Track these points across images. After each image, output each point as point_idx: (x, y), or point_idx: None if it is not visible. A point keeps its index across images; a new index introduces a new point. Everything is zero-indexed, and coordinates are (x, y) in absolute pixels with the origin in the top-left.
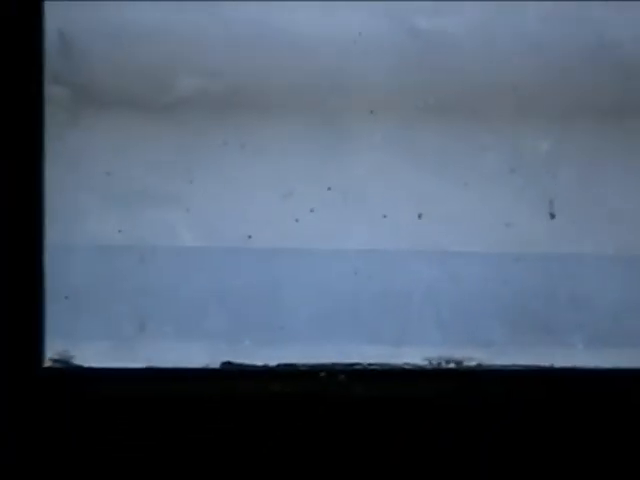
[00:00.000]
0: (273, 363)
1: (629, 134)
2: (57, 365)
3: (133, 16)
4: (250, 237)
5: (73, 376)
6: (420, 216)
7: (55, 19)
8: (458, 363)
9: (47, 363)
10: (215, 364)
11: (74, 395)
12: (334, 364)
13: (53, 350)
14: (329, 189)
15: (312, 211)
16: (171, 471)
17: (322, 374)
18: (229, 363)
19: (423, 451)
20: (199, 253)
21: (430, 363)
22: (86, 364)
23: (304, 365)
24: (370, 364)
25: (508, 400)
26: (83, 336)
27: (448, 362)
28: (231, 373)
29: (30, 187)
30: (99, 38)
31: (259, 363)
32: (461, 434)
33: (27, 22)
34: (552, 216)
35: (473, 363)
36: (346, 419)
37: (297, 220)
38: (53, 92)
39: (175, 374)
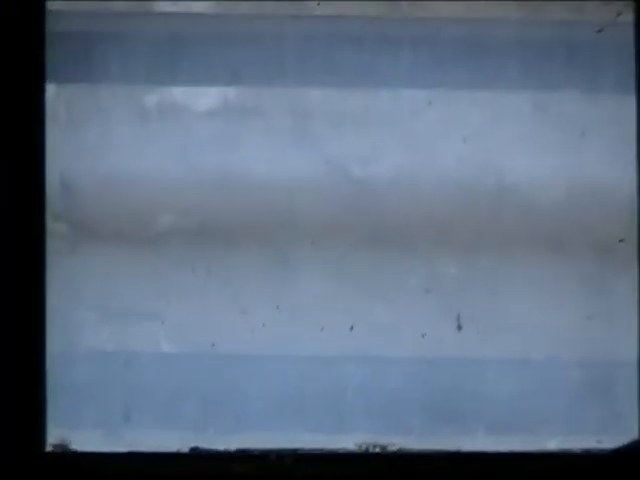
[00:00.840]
0: (232, 448)
1: (524, 265)
2: (57, 450)
3: (120, 165)
4: (214, 345)
5: (70, 459)
6: (352, 328)
7: (57, 166)
8: (383, 448)
9: (49, 448)
10: (185, 449)
11: (71, 475)
12: (281, 449)
13: (53, 437)
14: (277, 307)
15: (264, 325)
16: None
17: (272, 457)
18: (196, 448)
19: None
20: (173, 358)
21: (360, 448)
22: (80, 449)
23: (257, 450)
24: (311, 449)
25: (422, 478)
26: (78, 425)
27: (375, 447)
28: (198, 456)
29: (34, 305)
30: (93, 183)
31: (221, 448)
32: None
33: (32, 172)
34: (459, 328)
35: (395, 448)
36: None
37: (252, 332)
38: (54, 228)
39: (152, 457)
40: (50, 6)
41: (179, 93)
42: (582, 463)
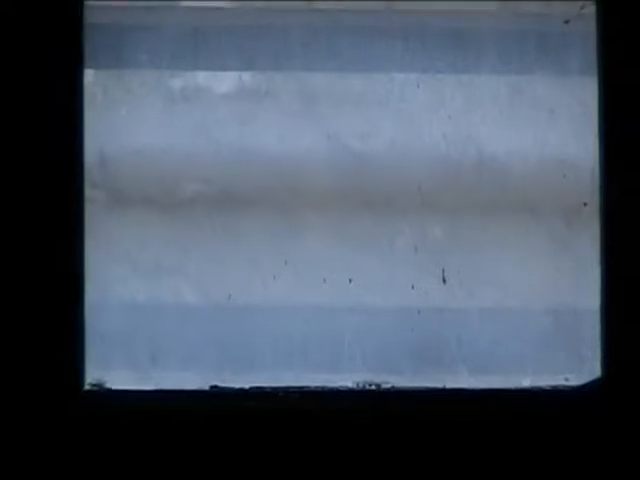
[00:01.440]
0: (246, 386)
1: (501, 226)
2: (95, 388)
3: (149, 140)
4: (230, 296)
5: (106, 396)
6: (350, 280)
7: (95, 142)
8: (377, 385)
9: (87, 387)
10: (205, 387)
11: (108, 410)
12: (289, 387)
13: (91, 377)
14: (285, 263)
15: (274, 278)
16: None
17: (280, 393)
18: (215, 386)
19: (348, 453)
20: (194, 307)
21: (357, 385)
22: (114, 387)
23: (267, 387)
24: (315, 387)
25: (412, 414)
26: (112, 367)
27: (370, 385)
28: (217, 393)
29: (75, 261)
30: (125, 156)
31: (236, 386)
32: (376, 439)
33: (72, 147)
34: (444, 281)
35: (388, 386)
36: (299, 428)
37: (264, 284)
38: (92, 195)
39: (177, 394)
40: (88, 1)
41: (200, 77)
42: (550, 398)
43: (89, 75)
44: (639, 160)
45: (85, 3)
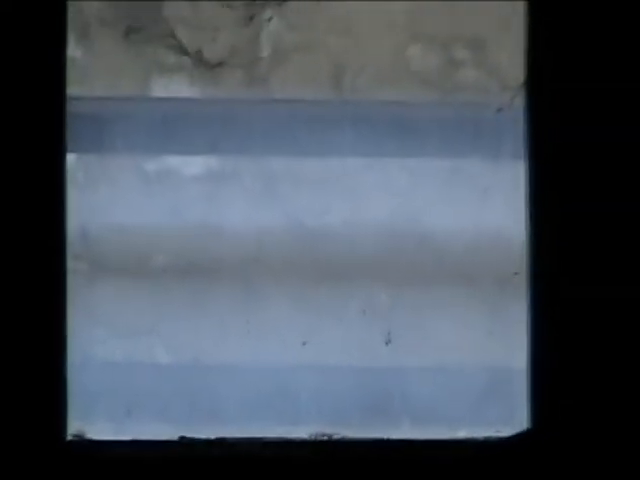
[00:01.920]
0: (212, 437)
1: (440, 294)
2: (76, 438)
3: (125, 217)
4: (198, 357)
5: (87, 445)
6: (304, 343)
7: (77, 219)
8: (329, 436)
9: (70, 437)
10: (175, 437)
11: (89, 458)
12: (251, 437)
13: (73, 429)
14: (248, 328)
15: (237, 342)
16: None
17: (244, 443)
18: (184, 437)
19: None
20: (166, 366)
21: (311, 436)
22: (94, 437)
23: (231, 438)
24: (275, 437)
25: (360, 461)
26: (92, 420)
27: (323, 436)
28: (185, 443)
29: (58, 325)
30: (104, 231)
31: (203, 437)
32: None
33: (56, 223)
34: (388, 342)
35: (339, 436)
36: (259, 475)
37: (228, 346)
38: (75, 266)
39: (149, 443)
40: (70, 92)
41: (171, 161)
42: (484, 447)
43: (71, 159)
44: (564, 234)
45: (68, 95)
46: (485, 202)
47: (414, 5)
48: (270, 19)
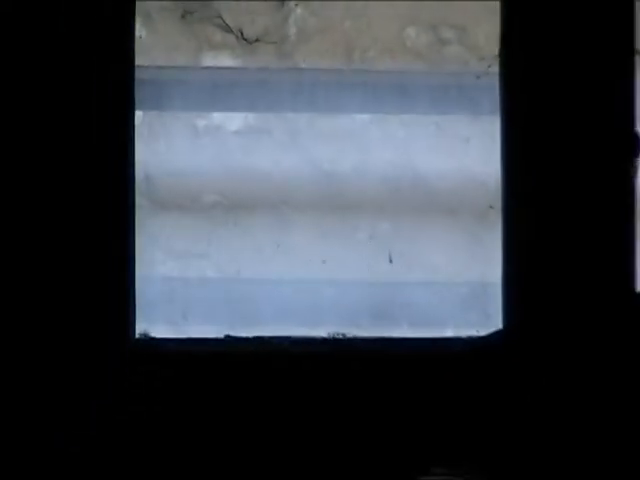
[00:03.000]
0: (250, 336)
1: (430, 223)
2: (142, 337)
3: (180, 164)
4: (239, 271)
5: (151, 342)
6: (324, 262)
7: (141, 164)
8: (344, 335)
9: (137, 336)
10: (221, 336)
11: (152, 352)
12: (282, 336)
13: (139, 330)
14: (278, 247)
15: (270, 259)
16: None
17: (275, 341)
18: (228, 335)
19: (323, 383)
20: (213, 280)
21: (329, 335)
22: (157, 336)
23: (266, 336)
24: (300, 336)
25: (368, 355)
26: (155, 323)
27: (339, 335)
28: (229, 340)
29: (127, 247)
30: (163, 175)
31: (243, 335)
32: (342, 372)
33: (125, 168)
34: (390, 261)
35: (351, 335)
36: (288, 367)
37: (263, 263)
38: (140, 202)
39: (201, 340)
40: (137, 63)
41: (217, 118)
42: (467, 343)
43: (138, 116)
44: (530, 176)
45: (136, 65)
46: (467, 150)
47: None
48: (297, 5)
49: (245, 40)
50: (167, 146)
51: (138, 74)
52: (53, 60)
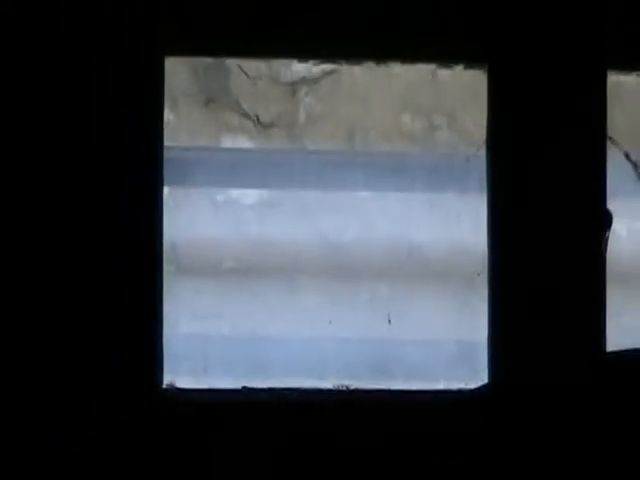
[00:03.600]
0: (265, 387)
1: (424, 289)
2: (169, 387)
3: (202, 234)
4: (254, 330)
5: (176, 392)
6: (330, 322)
7: (168, 235)
8: (347, 387)
9: (164, 386)
10: (239, 387)
11: (177, 400)
12: (291, 387)
13: (166, 380)
14: (289, 309)
15: (281, 320)
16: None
17: (286, 391)
18: (245, 387)
19: (329, 429)
20: (230, 338)
21: (335, 387)
22: (182, 387)
23: (279, 388)
24: (309, 387)
25: (368, 405)
26: (179, 375)
27: (343, 387)
28: (247, 391)
29: (155, 309)
30: (186, 244)
31: (258, 387)
32: (345, 419)
33: (155, 240)
34: (389, 322)
35: (353, 387)
36: (298, 414)
37: (274, 323)
38: (167, 268)
39: (221, 392)
40: (165, 144)
41: (234, 193)
42: (456, 395)
43: (165, 191)
44: (514, 248)
45: (165, 146)
46: (457, 224)
47: (407, 83)
48: (306, 94)
49: (260, 124)
50: (190, 218)
51: (166, 154)
52: (101, 147)
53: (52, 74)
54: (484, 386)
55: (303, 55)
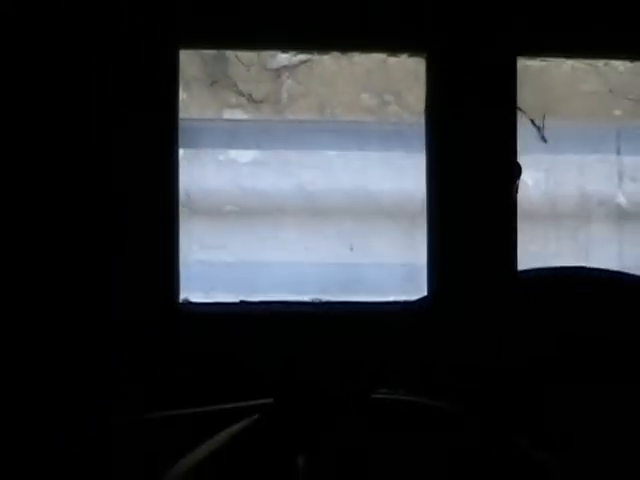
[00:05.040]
0: (256, 300)
1: (380, 225)
2: (184, 302)
3: (208, 185)
4: (250, 254)
5: (190, 306)
6: (306, 249)
7: (184, 185)
8: (319, 300)
9: (181, 301)
10: (237, 300)
11: (191, 313)
12: (279, 301)
13: (181, 297)
14: (276, 241)
15: (272, 250)
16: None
17: (276, 304)
18: (243, 300)
19: (305, 331)
20: (233, 265)
21: (311, 299)
22: (193, 301)
23: (267, 300)
24: (292, 300)
25: (335, 313)
26: (191, 292)
27: (316, 299)
28: (244, 304)
29: (174, 240)
30: (196, 192)
31: (253, 300)
32: (319, 325)
33: (172, 189)
34: (352, 249)
35: (324, 300)
36: (283, 323)
37: (265, 251)
38: (182, 210)
39: (223, 304)
40: (180, 116)
41: (233, 154)
42: (403, 305)
43: (181, 152)
44: (446, 194)
45: (180, 118)
46: (403, 175)
47: (365, 68)
48: (288, 78)
49: (253, 101)
50: (199, 172)
51: (180, 124)
52: (135, 119)
53: (87, 64)
54: (423, 298)
55: (285, 47)
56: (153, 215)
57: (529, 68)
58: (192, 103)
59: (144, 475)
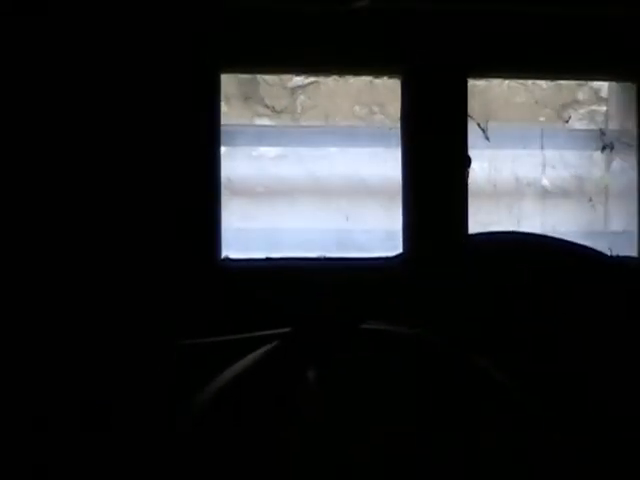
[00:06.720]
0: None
1: (369, 204)
2: (224, 259)
3: (244, 173)
4: (273, 225)
5: (229, 262)
6: (313, 220)
7: (225, 172)
8: (323, 256)
9: (222, 258)
10: (263, 256)
11: (231, 268)
12: (299, 257)
13: (222, 254)
14: (292, 212)
15: (293, 220)
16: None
17: (292, 260)
18: (269, 257)
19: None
20: (262, 231)
21: (317, 255)
22: (232, 258)
23: (287, 257)
24: (306, 257)
25: (334, 265)
26: (230, 251)
27: (322, 256)
28: (273, 259)
29: (217, 212)
30: (235, 178)
31: (278, 256)
32: (322, 279)
33: (215, 175)
34: (347, 219)
35: (327, 256)
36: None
37: (292, 221)
38: (224, 191)
39: (258, 260)
40: (222, 123)
41: (262, 150)
42: (384, 260)
43: (223, 149)
44: (418, 180)
45: (222, 125)
46: (385, 165)
47: (357, 87)
48: (301, 94)
49: (275, 111)
50: (237, 164)
51: (222, 129)
52: (190, 126)
53: (145, 84)
54: (399, 255)
55: (299, 72)
56: (204, 194)
57: (476, 86)
58: (231, 113)
59: (177, 397)
